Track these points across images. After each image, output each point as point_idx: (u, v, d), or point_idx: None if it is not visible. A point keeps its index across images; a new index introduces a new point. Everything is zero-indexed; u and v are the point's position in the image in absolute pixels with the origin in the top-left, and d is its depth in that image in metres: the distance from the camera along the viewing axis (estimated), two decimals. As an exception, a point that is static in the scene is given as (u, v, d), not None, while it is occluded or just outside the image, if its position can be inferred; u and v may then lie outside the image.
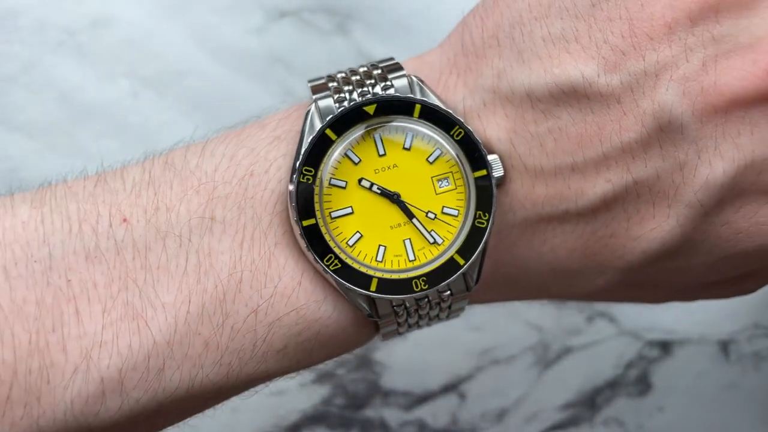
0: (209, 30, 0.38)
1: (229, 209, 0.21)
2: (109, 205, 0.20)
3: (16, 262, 0.19)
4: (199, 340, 0.20)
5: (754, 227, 0.21)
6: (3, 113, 0.37)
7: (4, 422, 0.19)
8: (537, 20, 0.22)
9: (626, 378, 0.40)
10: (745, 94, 0.20)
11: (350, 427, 0.39)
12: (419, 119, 0.22)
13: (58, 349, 0.19)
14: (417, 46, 0.38)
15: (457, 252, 0.22)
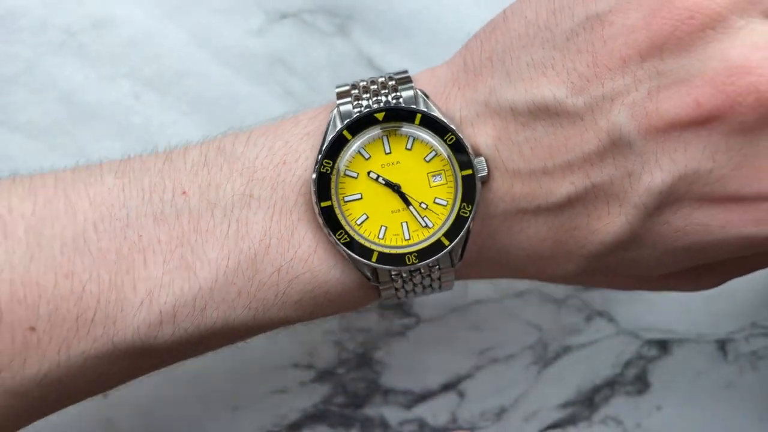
0: (210, 31, 0.38)
1: (264, 189, 0.26)
2: (173, 180, 0.26)
3: (102, 219, 0.25)
4: (233, 289, 0.25)
5: (690, 227, 0.25)
6: (4, 113, 0.38)
7: (89, 338, 0.24)
8: (524, 48, 0.26)
9: (624, 377, 0.40)
10: (680, 119, 0.24)
11: (350, 425, 0.39)
12: (419, 125, 0.27)
13: (130, 287, 0.25)
14: (416, 46, 0.39)
15: (443, 235, 0.27)
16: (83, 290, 0.24)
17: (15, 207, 0.25)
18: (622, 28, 0.25)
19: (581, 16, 0.25)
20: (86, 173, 0.26)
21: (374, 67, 0.38)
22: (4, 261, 0.24)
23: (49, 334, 0.24)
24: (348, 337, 0.39)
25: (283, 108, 0.38)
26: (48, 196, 0.25)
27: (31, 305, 0.24)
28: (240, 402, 0.39)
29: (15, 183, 0.26)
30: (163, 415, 0.38)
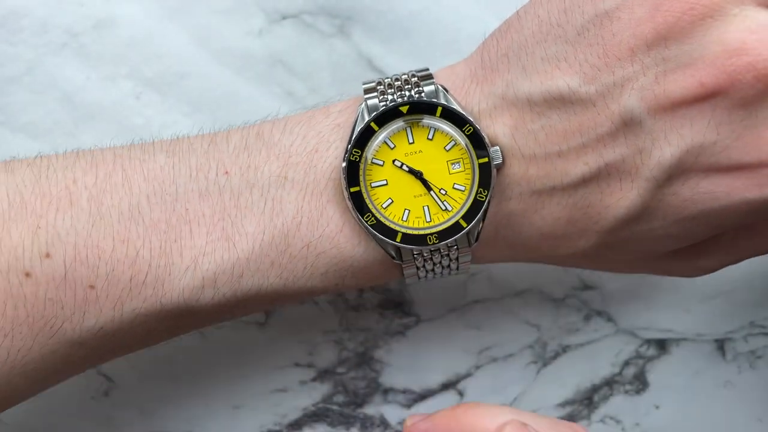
0: (211, 32, 0.38)
1: (298, 173, 0.29)
2: (217, 161, 0.29)
3: (155, 193, 0.28)
4: (267, 260, 0.29)
5: (697, 195, 0.28)
6: (6, 114, 0.38)
7: (140, 297, 0.28)
8: (538, 44, 0.29)
9: (623, 376, 0.40)
10: (686, 98, 0.27)
11: (351, 424, 0.39)
12: (440, 118, 0.29)
13: (177, 254, 0.28)
14: (416, 47, 0.39)
15: (462, 217, 0.29)
16: (137, 255, 0.27)
17: (79, 179, 0.28)
18: (629, 22, 0.27)
19: (590, 14, 0.28)
20: (140, 151, 0.29)
21: (374, 68, 0.39)
22: (70, 226, 0.27)
23: (106, 291, 0.27)
24: (348, 336, 0.39)
25: (284, 108, 0.39)
26: (107, 170, 0.28)
27: (92, 266, 0.27)
28: (240, 401, 0.39)
29: (79, 157, 0.29)
30: (164, 414, 0.39)
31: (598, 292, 0.40)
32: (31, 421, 0.38)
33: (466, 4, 0.39)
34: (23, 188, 0.27)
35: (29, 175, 0.28)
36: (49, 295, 0.27)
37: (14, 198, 0.27)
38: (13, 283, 0.26)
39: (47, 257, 0.27)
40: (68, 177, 0.28)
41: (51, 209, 0.27)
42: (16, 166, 0.28)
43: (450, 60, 0.39)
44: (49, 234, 0.27)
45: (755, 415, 0.40)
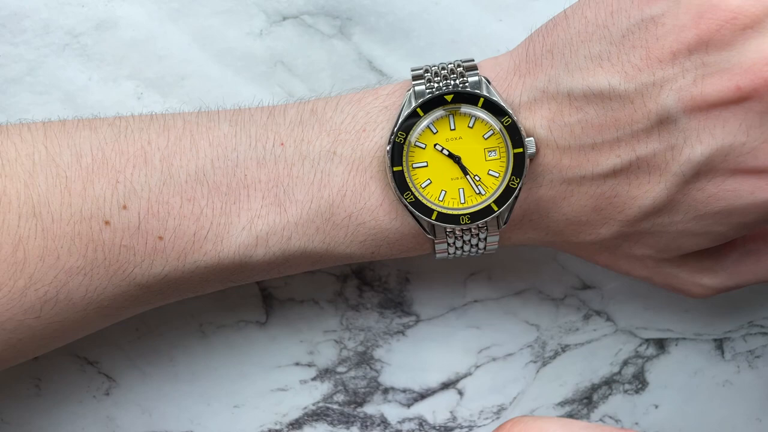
0: (212, 33, 0.38)
1: (346, 149, 0.31)
2: (275, 133, 0.31)
3: (218, 158, 0.31)
4: (313, 226, 0.31)
5: (721, 192, 0.29)
6: (8, 114, 0.38)
7: (201, 251, 0.31)
8: (583, 42, 0.30)
9: (622, 375, 0.40)
10: (721, 100, 0.28)
11: (351, 423, 0.39)
12: (481, 108, 0.31)
13: (235, 214, 0.31)
14: (416, 48, 0.39)
15: (494, 202, 0.31)
16: (201, 213, 0.30)
17: (153, 140, 0.31)
18: (673, 27, 0.29)
19: (637, 18, 0.30)
20: (207, 118, 0.32)
21: (374, 68, 0.39)
22: (144, 183, 0.30)
23: (173, 243, 0.30)
24: (348, 335, 0.39)
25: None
26: (178, 134, 0.31)
27: (162, 220, 0.30)
28: (241, 400, 0.39)
29: (153, 120, 0.31)
30: (165, 413, 0.39)
31: (598, 291, 0.40)
32: (33, 419, 0.38)
33: (466, 6, 0.39)
34: (105, 145, 0.30)
35: (110, 134, 0.31)
36: (124, 243, 0.30)
37: (97, 154, 0.30)
38: (95, 229, 0.30)
39: (124, 209, 0.30)
40: (143, 138, 0.31)
41: (128, 166, 0.30)
42: (98, 125, 0.31)
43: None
44: (127, 188, 0.30)
45: (754, 415, 0.41)
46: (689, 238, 0.31)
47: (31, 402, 0.36)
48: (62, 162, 0.30)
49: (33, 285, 0.29)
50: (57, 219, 0.29)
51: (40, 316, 0.30)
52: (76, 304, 0.30)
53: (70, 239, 0.30)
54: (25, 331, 0.30)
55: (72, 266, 0.30)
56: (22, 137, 0.30)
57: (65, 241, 0.29)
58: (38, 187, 0.29)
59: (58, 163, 0.30)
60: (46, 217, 0.29)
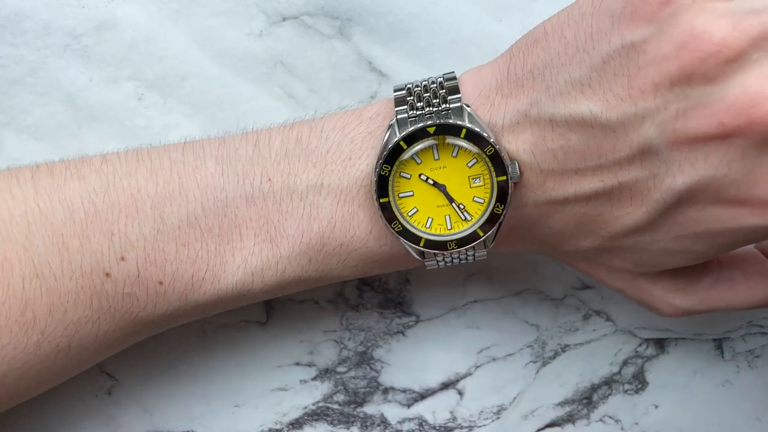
0: (212, 33, 0.38)
1: (333, 180, 0.32)
2: (260, 168, 0.32)
3: (207, 200, 0.31)
4: (305, 257, 0.32)
5: (703, 216, 0.29)
6: (10, 116, 0.38)
7: (200, 291, 0.32)
8: (563, 66, 0.30)
9: (622, 375, 0.40)
10: (704, 135, 0.28)
11: (351, 423, 0.39)
12: (464, 138, 0.31)
13: (230, 254, 0.32)
14: (416, 49, 0.39)
15: (479, 227, 0.32)
16: (196, 256, 0.31)
17: (142, 187, 0.31)
18: (655, 57, 0.28)
19: (617, 44, 0.29)
20: (192, 156, 0.32)
21: (374, 69, 0.39)
22: (139, 233, 0.31)
23: (173, 287, 0.31)
24: (348, 335, 0.39)
25: (284, 109, 0.39)
26: (166, 177, 0.32)
27: (160, 266, 0.31)
28: (242, 400, 0.39)
29: (139, 163, 0.32)
30: (166, 413, 0.39)
31: (597, 291, 0.40)
32: (35, 419, 0.38)
33: (465, 6, 0.39)
34: (95, 197, 0.31)
35: (99, 183, 0.31)
36: (126, 291, 0.31)
37: (89, 207, 0.31)
38: (96, 281, 0.31)
39: (122, 260, 0.31)
40: (132, 186, 0.31)
41: (121, 217, 0.31)
42: (86, 173, 0.32)
43: (450, 61, 0.39)
44: (122, 240, 0.31)
45: (754, 414, 0.41)
46: (669, 256, 0.32)
47: (32, 401, 0.37)
48: (56, 220, 0.31)
49: (46, 338, 0.31)
50: (59, 277, 0.30)
51: (56, 362, 0.31)
52: (89, 347, 0.32)
53: (74, 294, 0.31)
54: (46, 374, 0.32)
55: (80, 317, 0.31)
56: (12, 194, 0.31)
57: (70, 296, 0.31)
58: (37, 248, 0.30)
59: (52, 221, 0.31)
60: (48, 276, 0.30)
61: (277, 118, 0.39)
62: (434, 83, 0.32)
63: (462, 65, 0.39)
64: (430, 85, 0.32)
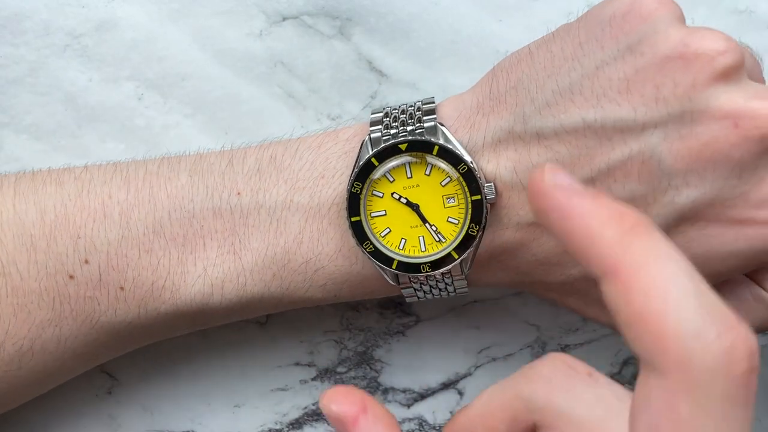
0: (212, 33, 0.38)
1: (304, 197, 0.31)
2: (231, 182, 0.31)
3: (175, 210, 0.31)
4: (269, 272, 0.31)
5: (703, 237, 0.27)
6: (10, 115, 0.38)
7: (160, 299, 0.31)
8: (549, 77, 0.29)
9: (622, 376, 0.40)
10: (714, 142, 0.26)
11: (351, 423, 0.39)
12: (436, 156, 0.30)
13: (192, 264, 0.31)
14: (416, 49, 0.39)
15: (454, 249, 0.30)
16: (158, 264, 0.31)
17: (114, 194, 0.31)
18: (654, 58, 0.27)
19: (612, 48, 0.27)
20: (167, 168, 0.32)
21: (374, 69, 0.39)
22: (104, 237, 0.31)
23: (133, 293, 0.31)
24: (348, 335, 0.39)
25: (284, 109, 0.39)
26: (137, 186, 0.32)
27: (122, 271, 0.31)
28: (241, 400, 0.39)
29: (116, 172, 0.32)
30: (166, 412, 0.39)
31: (598, 292, 0.40)
32: (35, 419, 0.38)
33: (465, 6, 0.39)
34: (68, 201, 0.31)
35: (74, 189, 0.32)
36: (88, 294, 0.31)
37: (60, 210, 0.31)
38: (60, 283, 0.31)
39: (86, 263, 0.31)
40: (105, 192, 0.31)
41: (89, 221, 0.31)
42: (65, 179, 0.32)
43: (450, 61, 0.39)
44: (87, 243, 0.31)
45: (754, 415, 0.41)
46: None
47: (32, 400, 0.37)
48: (27, 220, 0.31)
49: (9, 339, 0.31)
50: (25, 277, 0.31)
51: (21, 366, 0.31)
52: (52, 353, 0.31)
53: (38, 295, 0.31)
54: (11, 381, 0.32)
55: (42, 319, 0.31)
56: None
57: (34, 296, 0.31)
58: (6, 246, 0.31)
59: (24, 221, 0.31)
60: (15, 275, 0.31)
61: (277, 118, 0.39)
62: (412, 106, 0.31)
63: (462, 65, 0.39)
64: (408, 108, 0.31)
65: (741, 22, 0.40)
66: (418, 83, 0.39)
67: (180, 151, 0.34)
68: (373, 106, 0.39)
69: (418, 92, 0.39)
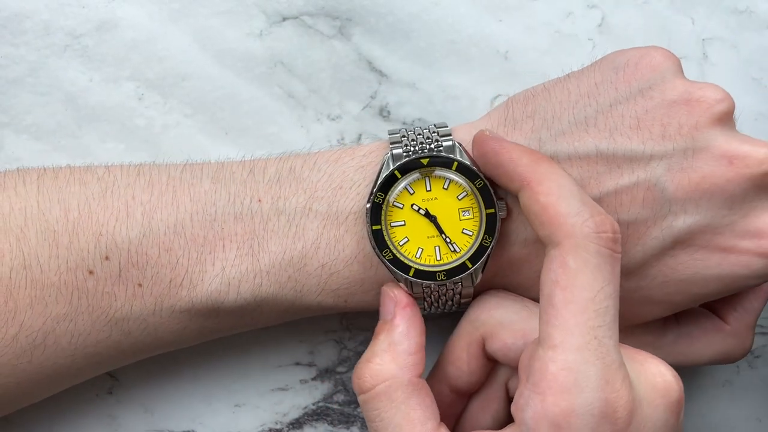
0: (212, 33, 0.38)
1: (322, 205, 0.33)
2: (252, 190, 0.33)
3: (197, 212, 0.32)
4: (285, 274, 0.32)
5: (692, 260, 0.31)
6: (10, 115, 0.38)
7: (177, 297, 0.32)
8: (565, 110, 0.32)
9: (622, 375, 0.40)
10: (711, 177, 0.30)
11: (351, 423, 0.39)
12: (455, 171, 0.32)
13: (210, 263, 0.32)
14: (416, 49, 0.39)
15: (468, 259, 0.32)
16: (177, 262, 0.32)
17: (137, 195, 0.33)
18: (662, 102, 0.31)
19: (625, 91, 0.31)
20: (190, 174, 0.33)
21: (374, 69, 0.39)
22: (125, 236, 0.32)
23: (150, 290, 0.32)
24: (349, 335, 0.39)
25: (284, 109, 0.39)
26: (161, 189, 0.33)
27: (141, 268, 0.32)
28: (242, 399, 0.39)
29: (139, 175, 0.33)
30: (167, 412, 0.39)
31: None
32: (36, 418, 0.38)
33: (465, 6, 0.39)
34: (92, 200, 0.32)
35: (98, 189, 0.33)
36: (106, 290, 0.32)
37: (84, 208, 0.32)
38: (79, 278, 0.32)
39: (106, 259, 0.32)
40: (128, 194, 0.33)
41: (111, 219, 0.32)
42: (88, 179, 0.33)
43: (450, 61, 0.39)
44: (108, 241, 0.32)
45: (754, 415, 0.41)
46: (648, 307, 0.32)
47: (34, 401, 0.37)
48: (51, 217, 0.32)
49: (24, 332, 0.31)
50: (45, 270, 0.31)
51: (32, 360, 0.32)
52: (64, 349, 0.32)
53: (56, 288, 0.31)
54: (20, 375, 0.32)
55: (59, 313, 0.31)
56: (17, 191, 0.32)
57: (52, 290, 0.31)
58: (29, 240, 0.31)
59: (47, 217, 0.32)
60: (35, 268, 0.31)
61: (277, 118, 0.39)
62: (427, 129, 0.33)
63: (462, 65, 0.39)
64: (423, 130, 0.33)
65: (741, 22, 0.40)
66: (418, 83, 0.39)
67: (180, 151, 0.34)
68: (373, 106, 0.39)
69: (418, 92, 0.39)
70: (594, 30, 0.40)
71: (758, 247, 0.30)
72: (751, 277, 0.31)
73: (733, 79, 0.40)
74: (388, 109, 0.39)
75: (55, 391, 0.35)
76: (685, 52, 0.40)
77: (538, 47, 0.39)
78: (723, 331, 0.35)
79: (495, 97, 0.39)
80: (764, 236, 0.30)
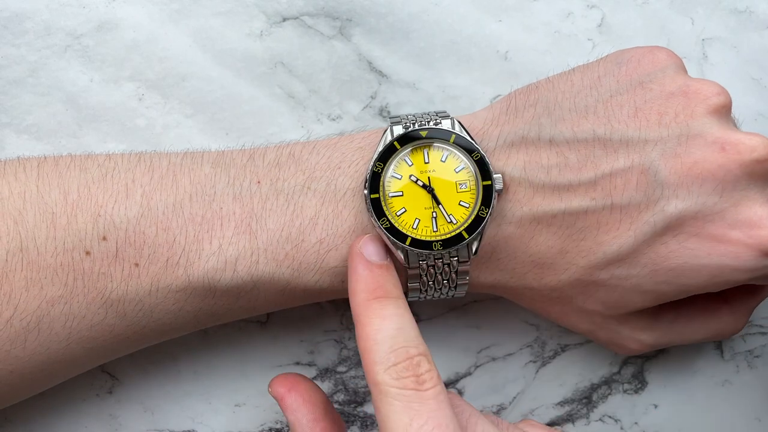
0: (212, 34, 0.39)
1: (320, 185, 0.33)
2: (251, 173, 0.33)
3: (196, 193, 0.33)
4: (282, 252, 0.33)
5: (682, 249, 0.31)
6: (11, 116, 0.38)
7: (173, 276, 0.32)
8: (567, 98, 0.33)
9: (622, 375, 0.40)
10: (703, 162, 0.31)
11: (351, 423, 0.40)
12: (453, 144, 0.33)
13: (207, 241, 0.32)
14: (416, 49, 0.39)
15: (464, 229, 0.32)
16: (174, 241, 0.32)
17: (137, 178, 0.33)
18: (661, 93, 0.32)
19: (625, 83, 0.32)
20: (191, 160, 0.34)
21: (374, 69, 0.39)
22: (123, 215, 0.32)
23: (147, 269, 0.32)
24: (349, 335, 0.39)
25: (284, 109, 0.39)
26: (162, 173, 0.33)
27: (138, 248, 0.32)
28: (242, 399, 0.39)
29: (140, 161, 0.33)
30: (167, 412, 0.39)
31: (597, 291, 0.40)
32: (36, 417, 0.38)
33: (465, 6, 0.39)
34: (92, 184, 0.32)
35: (98, 174, 0.33)
36: (102, 270, 0.32)
37: (83, 191, 0.32)
38: (76, 259, 0.32)
39: (104, 239, 0.32)
40: (129, 177, 0.33)
41: (110, 200, 0.32)
42: (89, 165, 0.33)
43: (450, 61, 0.39)
44: (106, 221, 0.32)
45: (754, 415, 0.41)
46: (637, 295, 0.33)
47: (34, 400, 0.37)
48: (50, 200, 0.32)
49: (18, 315, 0.31)
50: (42, 252, 0.31)
51: (26, 346, 0.32)
52: (58, 333, 0.32)
53: (53, 270, 0.31)
54: (13, 362, 0.32)
55: (54, 295, 0.31)
56: (16, 177, 0.32)
57: (49, 271, 0.31)
58: (27, 222, 0.31)
59: (46, 200, 0.32)
60: (32, 250, 0.31)
61: (277, 119, 0.39)
62: (427, 114, 0.34)
63: (462, 65, 0.39)
64: (424, 115, 0.34)
65: (741, 22, 0.40)
66: (418, 83, 0.39)
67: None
68: (374, 106, 0.39)
69: (418, 92, 0.39)
70: (594, 30, 0.40)
71: (748, 237, 0.31)
72: (738, 269, 0.31)
73: (733, 79, 0.40)
74: (388, 109, 0.39)
75: (50, 383, 0.34)
76: (685, 52, 0.40)
77: (537, 47, 0.39)
78: (721, 312, 0.35)
79: (495, 97, 0.39)
80: (754, 226, 0.31)
